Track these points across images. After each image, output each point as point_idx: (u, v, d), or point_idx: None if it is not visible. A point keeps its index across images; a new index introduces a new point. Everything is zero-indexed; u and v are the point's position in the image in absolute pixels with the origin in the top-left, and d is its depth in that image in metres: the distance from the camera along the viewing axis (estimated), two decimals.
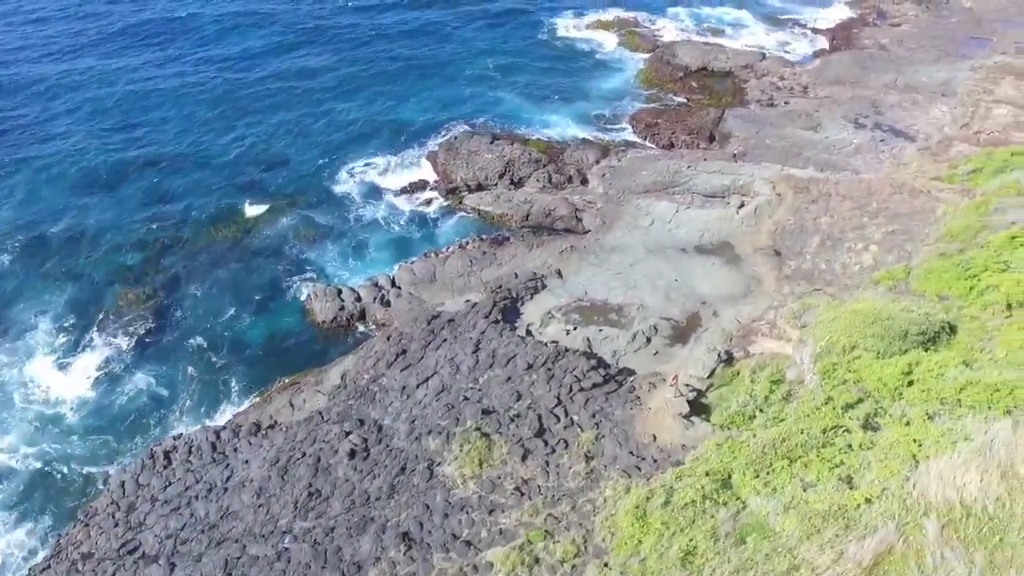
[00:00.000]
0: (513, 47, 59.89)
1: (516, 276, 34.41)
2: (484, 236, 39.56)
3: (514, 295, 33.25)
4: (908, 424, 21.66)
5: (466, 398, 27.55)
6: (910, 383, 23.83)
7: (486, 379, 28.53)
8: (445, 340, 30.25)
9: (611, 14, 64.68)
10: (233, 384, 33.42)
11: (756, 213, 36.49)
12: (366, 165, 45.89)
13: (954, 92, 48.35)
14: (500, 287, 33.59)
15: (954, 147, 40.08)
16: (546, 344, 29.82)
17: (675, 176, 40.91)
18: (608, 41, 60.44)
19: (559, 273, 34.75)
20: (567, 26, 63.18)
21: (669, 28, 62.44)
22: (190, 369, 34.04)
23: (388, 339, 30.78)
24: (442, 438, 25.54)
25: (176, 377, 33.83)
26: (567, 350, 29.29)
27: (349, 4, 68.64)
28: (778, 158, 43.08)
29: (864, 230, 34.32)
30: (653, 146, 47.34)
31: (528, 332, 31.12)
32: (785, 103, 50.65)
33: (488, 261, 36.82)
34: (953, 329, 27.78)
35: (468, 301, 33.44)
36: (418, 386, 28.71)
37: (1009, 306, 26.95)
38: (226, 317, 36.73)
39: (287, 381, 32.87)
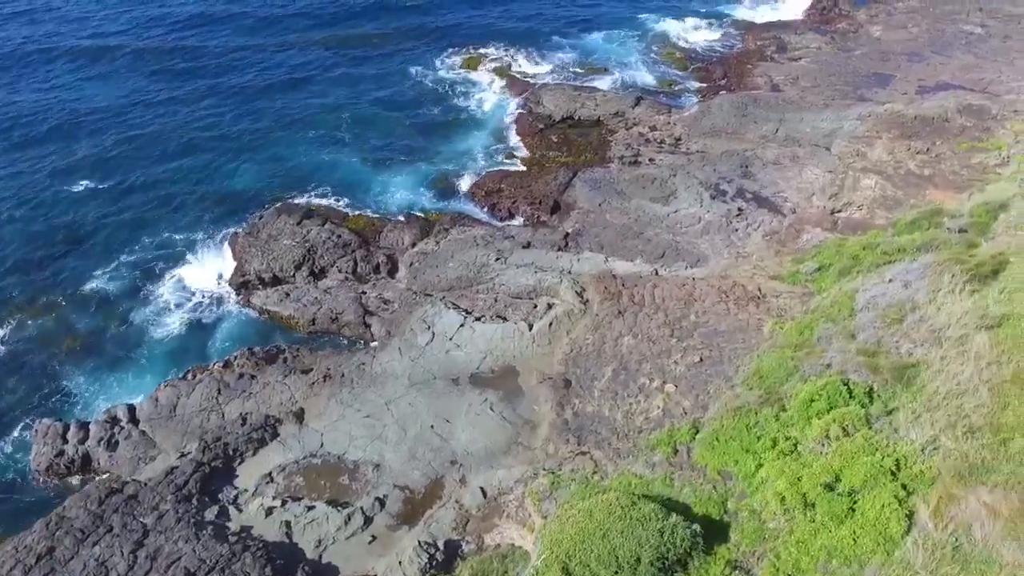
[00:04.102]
0: (376, 95, 51.74)
1: (244, 421, 27.13)
2: (256, 349, 31.91)
3: (231, 450, 25.95)
4: None
5: None
6: None
7: None
8: (111, 529, 23.03)
9: (494, 51, 56.34)
10: None
11: (551, 329, 28.86)
12: (158, 250, 38.02)
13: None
14: (218, 439, 26.35)
15: (805, 232, 32.18)
16: (228, 537, 22.55)
17: (481, 271, 33.28)
18: (482, 85, 52.18)
19: (300, 415, 27.30)
20: (444, 67, 54.78)
21: (548, 67, 54.11)
22: None
23: (47, 526, 23.60)
24: None
25: None
26: (247, 547, 22.03)
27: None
28: (614, 239, 35.30)
29: (668, 357, 26.63)
30: (489, 219, 39.70)
31: (223, 512, 23.90)
32: (650, 160, 42.69)
33: (241, 389, 29.31)
34: (725, 530, 20.39)
35: (184, 456, 26.23)
36: None
37: (787, 510, 19.46)
38: None
39: None
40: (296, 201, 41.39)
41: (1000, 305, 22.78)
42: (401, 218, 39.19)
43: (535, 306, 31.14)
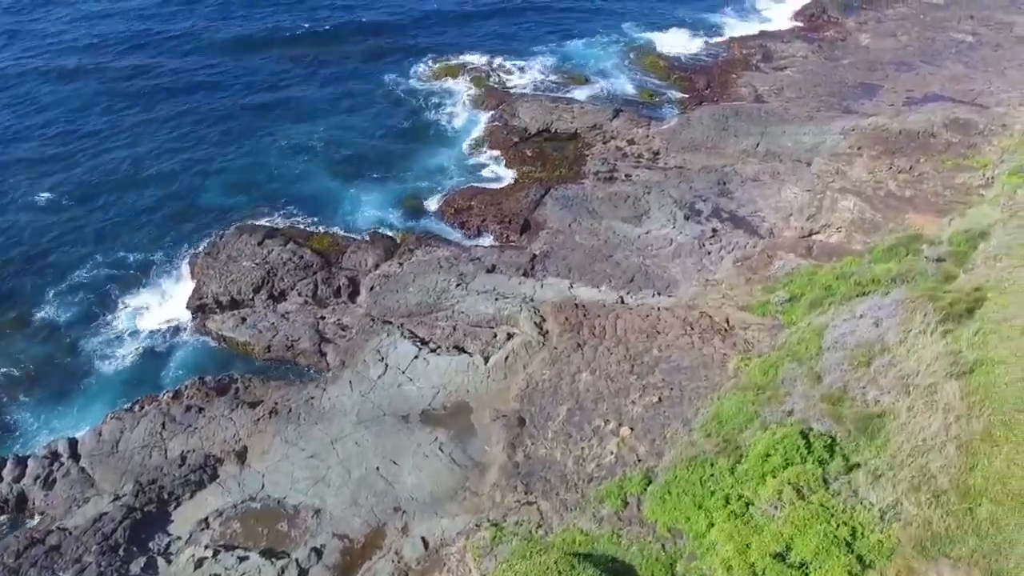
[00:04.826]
0: (350, 105, 50.14)
1: (183, 461, 25.68)
2: (208, 379, 30.37)
3: (167, 494, 24.50)
4: None
5: None
6: None
7: None
8: None
9: (473, 60, 54.59)
10: None
11: (507, 363, 27.27)
12: (115, 271, 36.55)
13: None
14: (154, 481, 24.91)
15: (778, 258, 30.48)
16: None
17: (441, 296, 31.74)
18: (459, 96, 50.46)
19: (242, 455, 25.80)
20: (422, 78, 53.02)
21: (527, 76, 52.38)
22: None
23: None
24: None
25: None
26: None
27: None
28: (582, 262, 33.68)
29: (626, 397, 25.04)
30: (457, 239, 38.04)
31: (151, 564, 22.45)
32: (626, 176, 40.98)
33: (187, 423, 27.81)
34: None
35: (117, 500, 24.80)
36: None
37: None
38: None
39: None
40: (261, 220, 39.85)
41: (973, 349, 21.10)
42: (366, 238, 37.67)
43: (495, 335, 29.58)
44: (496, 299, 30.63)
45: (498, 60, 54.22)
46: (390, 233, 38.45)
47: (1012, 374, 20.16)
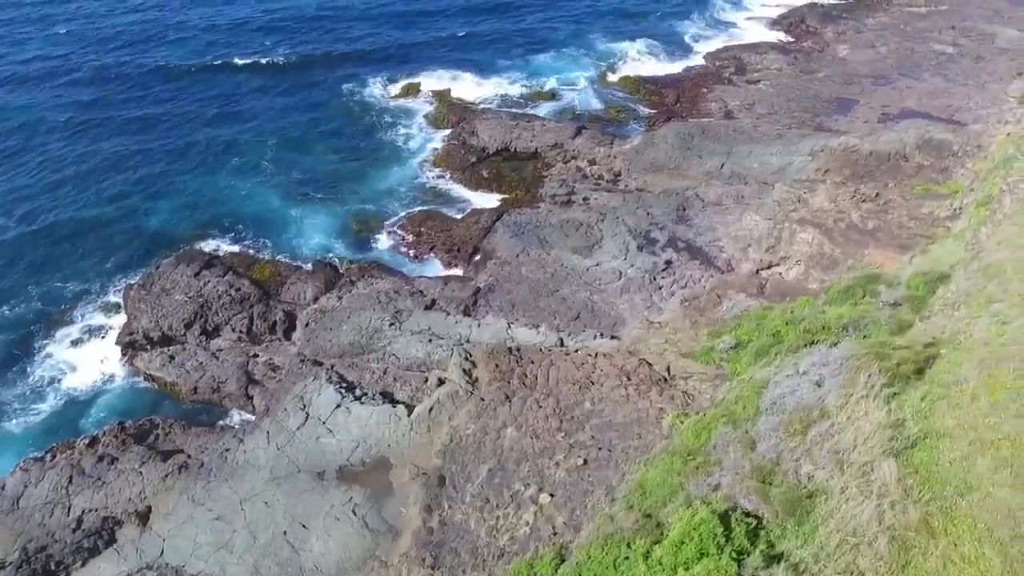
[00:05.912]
0: (308, 121, 48.04)
1: (79, 525, 23.79)
2: (127, 424, 28.47)
3: (55, 563, 22.59)
4: None
5: None
6: None
7: None
8: None
9: (436, 76, 52.21)
10: None
11: (432, 415, 25.24)
12: (48, 305, 34.70)
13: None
14: (42, 549, 23.02)
15: (728, 299, 28.32)
16: None
17: (374, 336, 29.73)
18: (419, 114, 48.22)
19: (145, 516, 23.83)
20: (382, 94, 50.82)
21: (491, 92, 50.10)
22: None
23: None
24: None
25: None
26: None
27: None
28: (527, 298, 31.60)
29: (551, 457, 22.98)
30: (402, 269, 35.87)
31: None
32: (584, 199, 38.83)
33: (96, 476, 25.87)
34: None
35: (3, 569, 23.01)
36: None
37: None
38: None
39: None
40: (207, 243, 38.02)
41: (918, 418, 18.99)
42: (308, 267, 35.65)
43: (425, 380, 27.55)
44: (430, 340, 28.62)
45: (462, 76, 51.88)
46: (335, 261, 36.46)
47: (956, 450, 18.00)
